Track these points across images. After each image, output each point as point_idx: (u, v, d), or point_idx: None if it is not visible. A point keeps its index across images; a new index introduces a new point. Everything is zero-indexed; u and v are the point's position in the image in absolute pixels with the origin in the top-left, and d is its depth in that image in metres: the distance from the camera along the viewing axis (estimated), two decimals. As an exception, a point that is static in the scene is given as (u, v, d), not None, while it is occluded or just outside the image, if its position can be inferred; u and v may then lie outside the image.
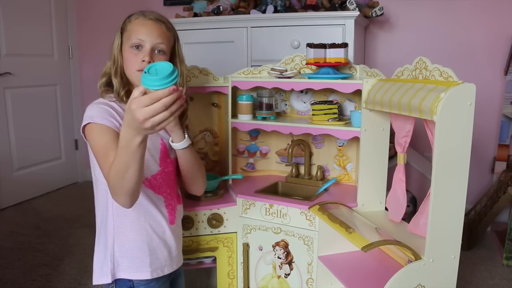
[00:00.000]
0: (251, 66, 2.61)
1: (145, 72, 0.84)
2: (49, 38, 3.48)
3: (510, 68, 2.63)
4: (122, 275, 1.17)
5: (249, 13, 2.70)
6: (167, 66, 0.85)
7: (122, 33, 1.20)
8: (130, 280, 1.17)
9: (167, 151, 1.24)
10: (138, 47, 1.17)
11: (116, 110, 1.16)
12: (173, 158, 1.26)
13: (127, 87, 1.21)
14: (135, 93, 0.84)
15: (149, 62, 1.14)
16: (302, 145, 1.85)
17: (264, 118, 1.76)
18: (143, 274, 1.18)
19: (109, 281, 1.16)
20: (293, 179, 1.87)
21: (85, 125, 1.13)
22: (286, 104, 1.91)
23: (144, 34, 1.17)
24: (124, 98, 1.19)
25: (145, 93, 0.84)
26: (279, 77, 1.70)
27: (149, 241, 1.19)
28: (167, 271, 1.23)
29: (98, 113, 1.13)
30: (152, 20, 1.20)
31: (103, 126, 1.10)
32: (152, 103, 0.81)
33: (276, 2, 2.68)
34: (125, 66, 1.20)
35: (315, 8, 2.71)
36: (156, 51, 1.18)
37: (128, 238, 1.17)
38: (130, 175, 0.94)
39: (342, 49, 1.64)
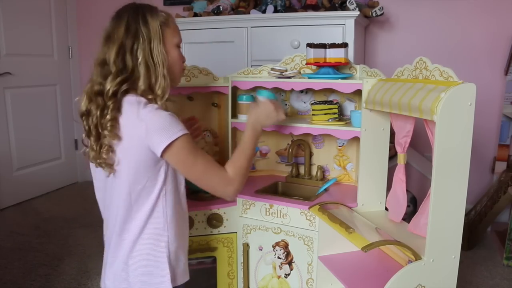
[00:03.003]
0: (251, 66, 2.61)
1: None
2: (49, 38, 3.48)
3: (510, 68, 2.63)
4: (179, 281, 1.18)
5: (249, 13, 2.70)
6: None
7: (163, 27, 1.12)
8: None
9: None
10: (179, 47, 1.19)
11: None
12: None
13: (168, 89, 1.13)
14: (262, 100, 1.36)
15: None
16: (302, 145, 1.85)
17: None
18: (185, 277, 1.21)
19: None
20: (293, 179, 1.86)
21: (176, 139, 1.04)
22: (286, 104, 1.91)
23: (180, 35, 1.20)
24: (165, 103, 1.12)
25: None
26: (279, 77, 1.70)
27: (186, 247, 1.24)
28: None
29: (178, 122, 1.06)
30: None
31: (189, 135, 1.08)
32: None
33: (276, 2, 2.68)
34: (172, 65, 1.15)
35: (315, 8, 2.71)
36: None
37: (178, 245, 1.18)
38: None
39: (342, 49, 1.64)
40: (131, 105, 1.06)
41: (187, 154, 1.07)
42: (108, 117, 1.05)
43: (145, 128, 1.03)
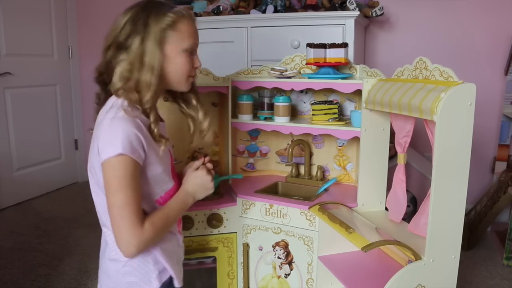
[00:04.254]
0: (251, 66, 2.61)
1: None
2: (49, 38, 3.47)
3: (510, 68, 2.63)
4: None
5: (249, 13, 2.70)
6: None
7: (168, 30, 1.04)
8: None
9: (173, 163, 1.19)
10: (191, 52, 1.09)
11: (143, 132, 0.99)
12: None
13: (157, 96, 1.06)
14: (191, 170, 1.19)
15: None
16: (302, 145, 1.85)
17: (266, 118, 1.76)
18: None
19: (158, 286, 1.09)
20: (293, 179, 1.86)
21: (115, 155, 0.94)
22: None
23: (197, 38, 1.11)
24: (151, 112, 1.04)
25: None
26: (279, 77, 1.70)
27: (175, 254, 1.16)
28: (177, 284, 1.17)
29: (129, 139, 0.95)
30: (195, 21, 1.11)
31: (135, 163, 0.97)
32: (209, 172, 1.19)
33: (276, 2, 2.68)
34: (173, 70, 1.07)
35: (315, 8, 2.71)
36: None
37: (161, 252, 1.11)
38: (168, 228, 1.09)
39: (342, 49, 1.64)
40: (106, 105, 1.05)
41: (115, 178, 0.95)
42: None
43: (99, 134, 0.99)
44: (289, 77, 1.68)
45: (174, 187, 1.14)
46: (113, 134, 0.95)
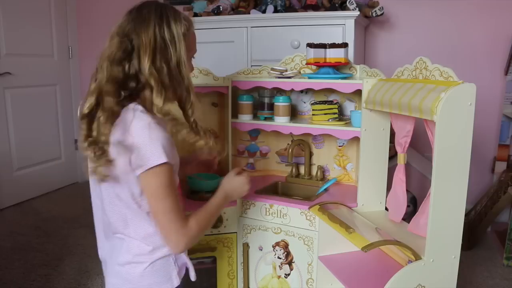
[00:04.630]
0: (251, 66, 2.61)
1: None
2: (49, 38, 3.47)
3: (510, 68, 2.63)
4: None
5: (249, 13, 2.70)
6: None
7: (185, 37, 1.07)
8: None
9: None
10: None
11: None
12: None
13: None
14: (233, 173, 1.32)
15: None
16: (302, 145, 1.85)
17: (266, 118, 1.76)
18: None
19: (178, 283, 1.13)
20: (293, 179, 1.86)
21: (156, 166, 0.96)
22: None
23: (196, 44, 1.16)
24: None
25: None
26: (279, 77, 1.70)
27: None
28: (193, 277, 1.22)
29: (168, 146, 0.99)
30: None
31: (172, 168, 1.02)
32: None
33: (276, 2, 2.68)
34: (186, 76, 1.08)
35: (315, 8, 2.71)
36: None
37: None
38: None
39: (342, 49, 1.64)
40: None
41: (160, 186, 1.00)
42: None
43: (131, 142, 0.98)
44: (289, 77, 1.68)
45: (179, 183, 1.17)
46: (153, 144, 0.96)
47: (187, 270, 1.20)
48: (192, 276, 1.19)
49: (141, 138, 0.97)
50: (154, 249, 1.09)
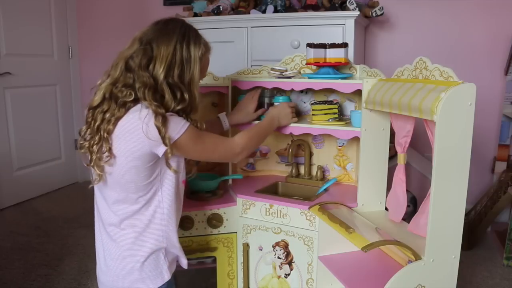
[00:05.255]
0: (251, 66, 2.61)
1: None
2: (49, 38, 3.48)
3: (510, 68, 2.63)
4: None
5: (249, 13, 2.70)
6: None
7: (199, 61, 1.19)
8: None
9: None
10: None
11: None
12: None
13: None
14: (290, 104, 1.63)
15: None
16: (302, 145, 1.85)
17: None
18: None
19: (169, 278, 1.17)
20: (293, 179, 1.86)
21: (184, 131, 1.11)
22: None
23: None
24: None
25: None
26: (279, 77, 1.70)
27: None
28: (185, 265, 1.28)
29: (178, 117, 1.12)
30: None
31: (192, 126, 1.15)
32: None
33: (276, 2, 2.68)
34: (195, 95, 1.18)
35: (315, 8, 2.71)
36: None
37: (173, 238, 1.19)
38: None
39: (342, 49, 1.64)
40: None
41: (195, 140, 1.15)
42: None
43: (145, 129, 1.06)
44: (289, 77, 1.68)
45: (185, 180, 1.25)
46: (171, 121, 1.08)
47: (185, 271, 1.22)
48: (184, 264, 1.23)
49: (151, 123, 1.05)
50: (143, 244, 1.12)
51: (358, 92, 1.57)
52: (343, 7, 2.51)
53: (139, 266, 1.12)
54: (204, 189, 1.67)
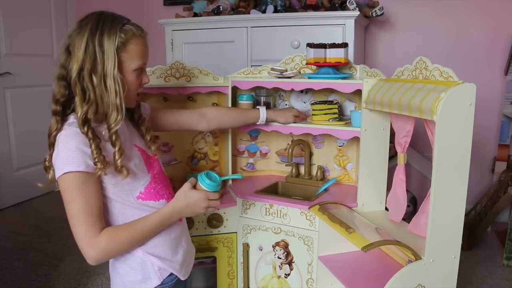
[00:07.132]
0: (251, 66, 2.61)
1: (204, 175, 1.13)
2: (49, 38, 3.48)
3: (510, 68, 2.63)
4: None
5: (249, 13, 2.70)
6: (217, 176, 1.16)
7: (119, 51, 1.04)
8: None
9: (146, 154, 1.17)
10: (141, 70, 1.10)
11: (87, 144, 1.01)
12: (153, 154, 1.19)
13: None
14: (189, 185, 1.10)
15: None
16: (302, 145, 1.85)
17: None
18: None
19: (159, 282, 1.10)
20: (293, 179, 1.86)
21: (65, 173, 1.01)
22: (286, 104, 1.91)
23: (146, 56, 1.10)
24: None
25: (194, 187, 1.12)
26: (279, 77, 1.70)
27: (173, 245, 1.15)
28: (185, 272, 1.19)
29: (80, 156, 0.99)
30: (146, 38, 1.11)
31: (82, 176, 1.01)
32: (214, 200, 1.12)
33: (276, 2, 2.68)
34: (127, 90, 1.07)
35: (315, 8, 2.71)
36: None
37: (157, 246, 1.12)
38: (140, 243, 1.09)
39: (342, 49, 1.64)
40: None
41: (67, 191, 1.05)
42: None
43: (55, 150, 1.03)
44: (289, 77, 1.68)
45: (151, 178, 1.14)
46: (62, 153, 1.01)
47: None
48: (181, 277, 1.18)
49: (56, 148, 1.02)
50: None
51: (358, 92, 1.57)
52: (343, 7, 2.51)
53: (125, 268, 1.11)
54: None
